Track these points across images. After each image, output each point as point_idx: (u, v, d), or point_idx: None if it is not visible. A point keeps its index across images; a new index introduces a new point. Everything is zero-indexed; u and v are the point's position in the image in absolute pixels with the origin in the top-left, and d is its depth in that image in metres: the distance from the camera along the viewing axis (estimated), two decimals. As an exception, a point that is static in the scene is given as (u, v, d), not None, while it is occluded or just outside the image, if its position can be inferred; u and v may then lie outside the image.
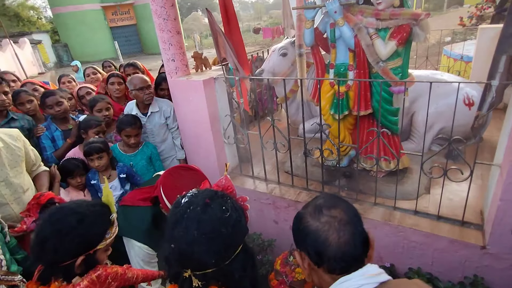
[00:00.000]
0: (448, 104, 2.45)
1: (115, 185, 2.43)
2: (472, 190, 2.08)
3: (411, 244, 1.96)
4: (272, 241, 2.54)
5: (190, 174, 1.62)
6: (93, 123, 2.50)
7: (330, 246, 0.82)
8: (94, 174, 2.40)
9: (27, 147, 2.03)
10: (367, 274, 0.82)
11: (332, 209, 0.87)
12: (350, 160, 2.52)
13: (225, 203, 1.00)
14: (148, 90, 2.60)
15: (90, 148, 2.30)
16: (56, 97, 2.55)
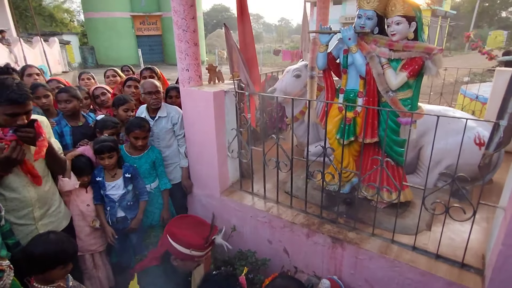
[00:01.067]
0: (458, 142, 2.40)
1: (118, 184, 2.45)
2: (476, 233, 2.02)
3: (406, 281, 1.88)
4: (266, 261, 2.48)
5: (191, 218, 1.83)
6: (110, 124, 2.57)
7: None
8: (100, 171, 2.43)
9: (51, 135, 2.08)
10: None
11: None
12: (352, 187, 2.48)
13: None
14: (155, 95, 2.66)
15: (103, 147, 2.34)
16: (66, 95, 2.60)
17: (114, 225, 2.50)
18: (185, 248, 1.69)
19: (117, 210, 2.48)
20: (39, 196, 1.97)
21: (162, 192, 2.79)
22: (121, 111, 2.76)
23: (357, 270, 2.09)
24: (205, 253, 1.75)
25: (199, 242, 1.69)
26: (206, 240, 1.69)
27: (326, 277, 2.15)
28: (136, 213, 2.57)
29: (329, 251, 2.18)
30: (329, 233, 2.16)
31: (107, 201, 2.46)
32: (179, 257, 1.73)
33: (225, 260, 2.55)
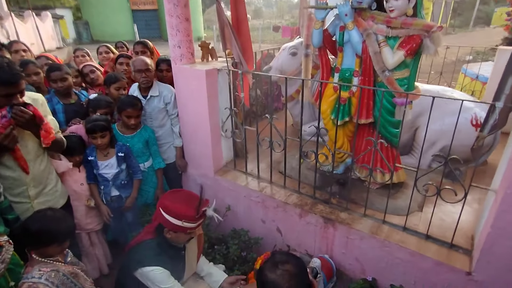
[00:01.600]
0: (454, 123, 2.37)
1: (111, 163, 2.43)
2: (467, 214, 2.02)
3: (395, 261, 1.91)
4: (259, 239, 2.52)
5: (183, 192, 1.85)
6: (104, 103, 2.51)
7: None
8: (92, 150, 2.40)
9: (47, 114, 2.04)
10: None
11: (285, 264, 1.15)
12: (346, 168, 2.47)
13: None
14: (145, 74, 2.59)
15: (95, 126, 2.30)
16: (61, 73, 2.55)
17: (109, 204, 2.51)
18: (177, 220, 1.71)
19: (111, 189, 2.48)
20: (33, 175, 1.96)
21: (156, 171, 2.78)
22: (112, 89, 2.70)
23: (348, 250, 2.12)
24: (197, 225, 1.76)
25: (190, 213, 1.71)
26: (197, 211, 1.70)
27: (317, 256, 2.18)
28: (131, 191, 2.57)
29: (321, 231, 2.20)
30: (322, 213, 2.17)
31: (100, 180, 2.45)
32: (171, 229, 1.76)
33: (219, 238, 2.59)
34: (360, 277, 2.06)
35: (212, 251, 2.44)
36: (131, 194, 2.57)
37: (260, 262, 2.16)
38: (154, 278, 1.77)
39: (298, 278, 1.12)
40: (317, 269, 1.95)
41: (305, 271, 1.17)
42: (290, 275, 1.12)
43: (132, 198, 2.56)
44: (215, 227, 2.68)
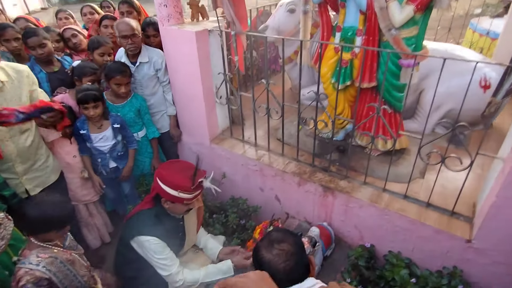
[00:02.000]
0: (462, 85, 2.23)
1: (107, 135, 2.33)
2: (469, 180, 1.95)
3: (394, 229, 1.90)
4: (257, 208, 2.50)
5: (181, 162, 1.80)
6: (88, 70, 2.33)
7: (279, 272, 1.04)
8: (83, 123, 2.28)
9: (35, 87, 1.93)
10: (303, 286, 1.03)
11: (281, 243, 1.10)
12: (346, 134, 2.38)
13: None
14: (132, 40, 2.38)
15: (86, 96, 2.15)
16: (38, 38, 2.35)
17: (108, 175, 2.46)
18: (173, 190, 1.68)
19: (109, 161, 2.42)
20: (19, 151, 1.89)
21: (150, 141, 2.70)
22: (96, 55, 2.51)
23: (347, 218, 2.10)
24: (193, 196, 1.72)
25: (186, 184, 1.67)
26: (192, 182, 1.65)
27: (316, 224, 2.17)
28: (126, 162, 2.51)
29: (320, 199, 2.16)
30: (321, 182, 2.12)
31: (96, 153, 2.36)
32: (168, 200, 1.74)
33: (217, 206, 2.57)
34: (359, 244, 2.06)
35: (211, 220, 2.43)
36: (127, 163, 2.51)
37: (259, 230, 2.16)
38: (149, 248, 1.76)
39: (296, 257, 1.07)
40: (316, 238, 1.94)
41: (303, 249, 1.12)
42: (287, 254, 1.06)
43: (128, 168, 2.51)
44: (213, 196, 2.65)
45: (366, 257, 1.90)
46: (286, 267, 1.04)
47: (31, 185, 1.98)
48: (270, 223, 2.13)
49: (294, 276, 1.05)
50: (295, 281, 1.05)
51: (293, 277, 1.05)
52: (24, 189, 1.96)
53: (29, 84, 1.89)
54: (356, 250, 1.93)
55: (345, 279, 1.82)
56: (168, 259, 1.80)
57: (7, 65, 1.84)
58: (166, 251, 1.80)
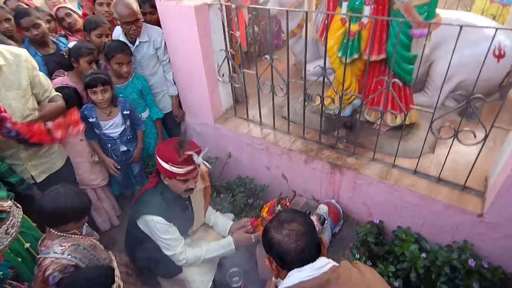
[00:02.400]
0: (475, 54, 2.14)
1: (116, 122, 2.30)
2: (481, 154, 1.92)
3: (404, 204, 1.88)
4: (265, 187, 2.49)
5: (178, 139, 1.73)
6: (85, 50, 2.24)
7: (290, 253, 1.03)
8: (91, 111, 2.21)
9: (36, 71, 1.87)
10: (315, 266, 1.02)
11: (291, 223, 1.07)
12: (353, 110, 2.31)
13: None
14: (135, 25, 2.29)
15: (94, 79, 2.08)
16: (31, 18, 2.26)
17: (118, 158, 2.44)
18: (165, 163, 1.67)
19: (119, 146, 2.40)
20: None
21: (154, 121, 2.66)
22: (93, 36, 2.41)
23: (355, 194, 2.08)
24: (185, 172, 1.67)
25: (173, 156, 1.64)
26: (178, 153, 1.63)
27: (324, 202, 2.15)
28: (135, 144, 2.50)
29: (327, 177, 2.14)
30: (328, 159, 2.08)
31: (105, 139, 2.33)
32: (164, 174, 1.74)
33: (224, 186, 2.56)
34: (367, 220, 2.05)
35: (219, 199, 2.43)
36: (137, 145, 2.51)
37: (267, 209, 2.15)
38: (154, 227, 1.76)
39: (307, 236, 1.04)
40: (324, 215, 1.93)
41: (313, 229, 1.10)
42: (298, 234, 1.04)
43: (138, 149, 2.52)
44: (219, 175, 2.64)
45: (374, 233, 1.90)
46: (297, 247, 1.02)
47: (36, 172, 1.96)
48: (277, 201, 2.11)
49: (305, 256, 1.03)
50: (307, 261, 1.03)
51: (305, 257, 1.03)
52: (30, 175, 1.95)
53: (28, 69, 1.82)
54: (365, 227, 1.92)
55: (354, 255, 1.83)
56: (173, 239, 1.80)
57: (4, 48, 1.77)
58: (171, 230, 1.80)
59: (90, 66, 2.27)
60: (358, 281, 1.00)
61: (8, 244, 1.53)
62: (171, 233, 1.80)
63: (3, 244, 1.51)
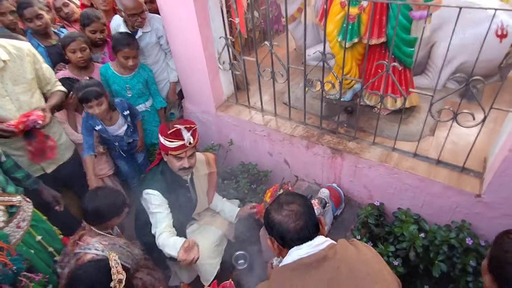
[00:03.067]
0: (477, 35, 2.12)
1: (120, 123, 2.32)
2: (481, 134, 1.93)
3: (404, 187, 1.91)
4: (268, 173, 2.53)
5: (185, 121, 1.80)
6: (66, 39, 2.22)
7: (290, 232, 1.09)
8: (94, 119, 2.18)
9: (40, 64, 1.89)
10: (314, 244, 1.08)
11: (290, 204, 1.13)
12: (354, 95, 2.32)
13: None
14: (141, 17, 2.29)
15: (88, 95, 2.00)
16: (34, 9, 2.27)
17: (124, 150, 2.49)
18: (160, 136, 1.73)
19: (125, 141, 2.44)
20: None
21: (158, 111, 2.69)
22: (88, 32, 2.38)
23: (356, 178, 2.12)
24: (175, 146, 1.68)
25: (164, 127, 1.72)
26: (167, 126, 1.70)
27: (325, 186, 2.20)
28: (137, 134, 2.54)
29: (328, 161, 2.17)
30: (329, 144, 2.11)
31: (113, 139, 2.36)
32: (161, 149, 1.80)
33: (228, 172, 2.61)
34: (368, 203, 2.09)
35: (223, 185, 2.48)
36: (139, 136, 2.54)
37: (269, 194, 2.20)
38: (149, 200, 1.80)
39: (305, 216, 1.10)
40: (326, 199, 1.97)
41: (312, 209, 1.15)
42: (296, 214, 1.10)
43: (141, 140, 2.56)
44: (222, 162, 2.69)
45: (375, 215, 1.95)
46: (297, 227, 1.08)
47: (45, 163, 2.02)
48: (280, 186, 2.16)
49: (304, 234, 1.08)
50: (306, 239, 1.09)
51: (304, 235, 1.08)
52: (40, 166, 2.00)
53: (32, 62, 1.84)
54: (366, 209, 1.97)
55: (355, 237, 1.88)
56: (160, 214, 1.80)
57: (7, 43, 1.79)
58: (162, 206, 1.81)
59: (74, 54, 2.24)
60: (354, 256, 1.05)
61: (20, 237, 1.58)
62: (161, 209, 1.80)
63: (16, 238, 1.55)
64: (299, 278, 1.02)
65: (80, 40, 2.23)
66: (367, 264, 1.04)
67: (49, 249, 1.74)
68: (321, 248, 1.06)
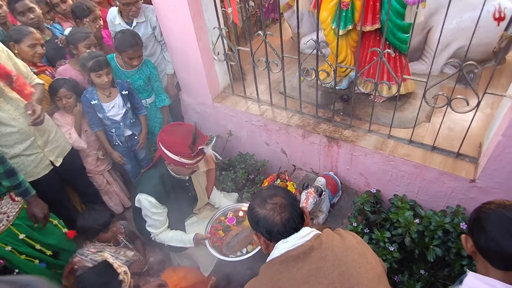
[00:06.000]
0: (474, 18, 2.07)
1: (117, 103, 2.31)
2: (477, 120, 1.92)
3: (399, 173, 1.92)
4: (265, 162, 2.55)
5: (183, 127, 1.79)
6: (81, 35, 2.23)
7: (276, 225, 1.09)
8: (92, 93, 2.22)
9: (14, 60, 1.86)
10: (299, 236, 1.08)
11: (273, 197, 1.13)
12: (350, 82, 2.31)
13: None
14: (135, 7, 2.27)
15: (99, 62, 2.09)
16: (26, 2, 2.26)
17: (124, 144, 2.48)
18: (174, 155, 1.71)
19: (123, 129, 2.42)
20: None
21: (162, 108, 2.68)
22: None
23: (352, 166, 2.13)
24: (195, 161, 1.75)
25: (186, 150, 1.68)
26: (191, 149, 1.68)
27: (321, 174, 2.21)
28: (140, 128, 2.52)
29: (325, 150, 2.18)
30: (325, 132, 2.12)
31: (109, 123, 2.34)
32: (170, 162, 1.78)
33: (226, 163, 2.63)
34: (365, 190, 2.11)
35: (222, 177, 2.50)
36: (142, 131, 2.53)
37: (267, 184, 2.22)
38: (144, 205, 1.83)
39: (290, 208, 1.10)
40: (322, 187, 1.99)
41: (295, 200, 1.15)
42: (281, 206, 1.10)
43: (144, 135, 2.55)
44: (220, 153, 2.70)
45: (371, 202, 1.96)
46: (283, 219, 1.08)
47: (53, 156, 2.03)
48: (277, 176, 2.18)
49: (291, 226, 1.08)
50: (292, 230, 1.09)
51: (290, 226, 1.08)
52: (49, 161, 2.03)
53: (8, 58, 1.80)
54: (362, 196, 1.98)
55: (352, 224, 1.90)
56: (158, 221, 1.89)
57: None
58: (160, 212, 1.87)
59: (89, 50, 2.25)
60: (339, 245, 1.07)
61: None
62: (157, 216, 1.86)
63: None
64: (287, 271, 1.03)
65: (91, 36, 2.27)
66: (352, 250, 1.06)
67: (36, 246, 1.84)
68: (307, 239, 1.07)
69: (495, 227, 0.96)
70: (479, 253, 1.01)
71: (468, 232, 1.07)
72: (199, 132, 1.76)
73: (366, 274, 1.01)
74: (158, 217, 1.87)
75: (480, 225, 0.99)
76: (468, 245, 1.06)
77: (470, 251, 1.06)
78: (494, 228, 0.96)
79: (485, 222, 0.99)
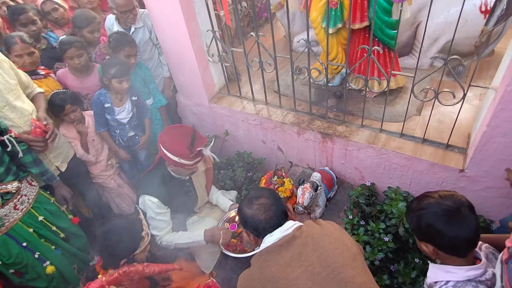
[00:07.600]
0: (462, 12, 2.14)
1: (127, 108, 2.37)
2: (466, 112, 1.99)
3: (392, 166, 1.98)
4: (262, 160, 2.60)
5: (183, 129, 1.86)
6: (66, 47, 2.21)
7: (261, 222, 1.24)
8: (106, 97, 2.27)
9: (15, 69, 1.91)
10: (283, 229, 1.23)
11: (259, 198, 1.28)
12: (342, 79, 2.36)
13: None
14: (132, 14, 2.32)
15: (123, 71, 2.15)
16: (30, 15, 2.30)
17: (125, 144, 2.52)
18: (174, 156, 1.76)
19: (127, 131, 2.47)
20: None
21: (159, 109, 2.72)
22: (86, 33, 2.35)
23: (347, 160, 2.19)
24: (194, 162, 1.80)
25: (185, 151, 1.74)
26: (190, 151, 1.73)
27: (317, 170, 2.27)
28: (141, 129, 2.57)
29: (320, 146, 2.24)
30: (319, 129, 2.17)
31: (115, 124, 2.39)
32: (170, 163, 1.83)
33: (224, 162, 2.68)
34: (360, 183, 2.17)
35: (220, 176, 2.55)
36: (146, 133, 2.58)
37: (264, 181, 2.27)
38: (148, 206, 1.87)
39: (273, 207, 1.26)
40: (317, 182, 2.04)
41: (279, 199, 1.31)
42: (265, 206, 1.25)
43: (146, 137, 2.60)
44: (218, 153, 2.76)
45: (366, 195, 2.02)
46: (267, 217, 1.24)
47: (58, 162, 2.09)
48: (274, 173, 2.23)
49: (274, 222, 1.24)
50: (276, 225, 1.24)
51: (274, 222, 1.24)
52: (55, 166, 2.08)
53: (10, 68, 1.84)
54: (357, 190, 2.04)
55: (348, 216, 1.96)
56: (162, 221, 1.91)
57: None
58: (164, 213, 1.90)
59: (72, 60, 2.25)
60: (318, 232, 1.21)
61: (18, 218, 1.79)
62: (163, 215, 1.91)
63: (13, 218, 1.77)
64: (273, 259, 1.17)
65: (77, 46, 2.24)
66: (329, 235, 1.19)
67: (52, 227, 1.94)
68: (290, 231, 1.22)
69: (439, 222, 1.06)
70: (444, 252, 1.10)
71: (425, 240, 1.14)
72: (198, 134, 1.81)
73: (342, 254, 1.14)
74: (162, 217, 1.91)
75: (436, 229, 1.07)
76: (430, 250, 1.13)
77: (434, 255, 1.14)
78: (440, 223, 1.06)
79: (437, 223, 1.07)
